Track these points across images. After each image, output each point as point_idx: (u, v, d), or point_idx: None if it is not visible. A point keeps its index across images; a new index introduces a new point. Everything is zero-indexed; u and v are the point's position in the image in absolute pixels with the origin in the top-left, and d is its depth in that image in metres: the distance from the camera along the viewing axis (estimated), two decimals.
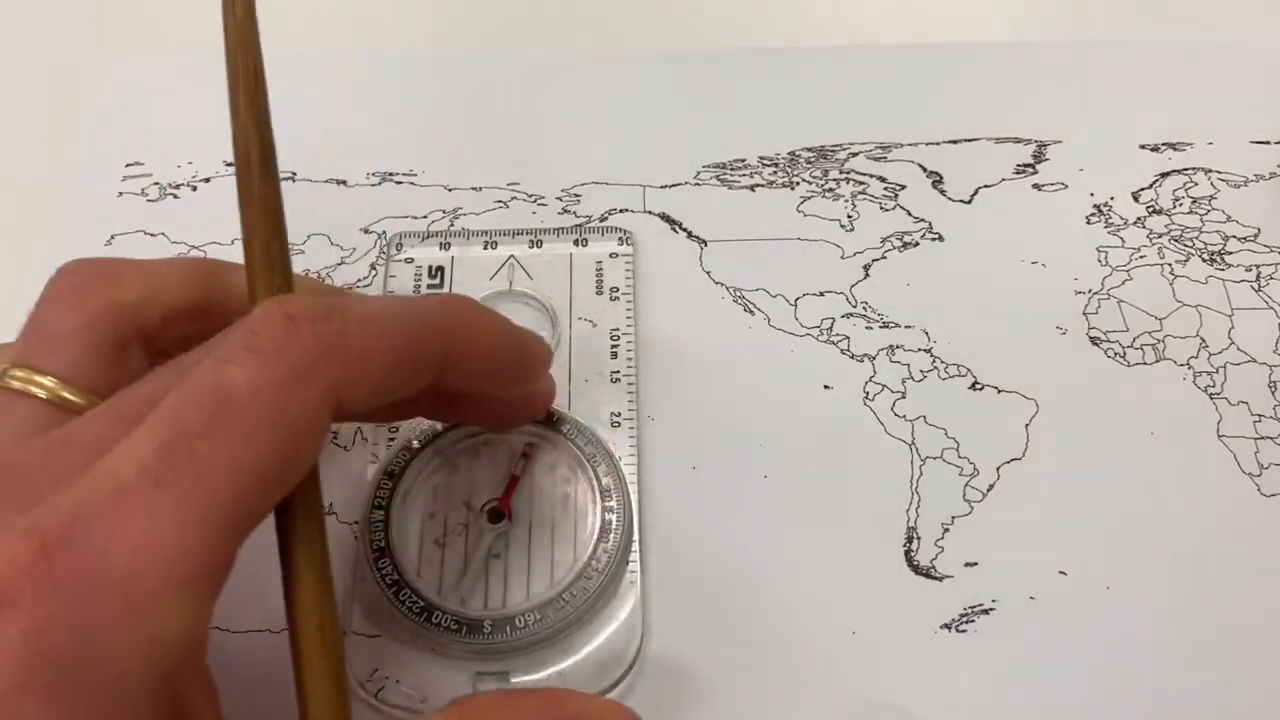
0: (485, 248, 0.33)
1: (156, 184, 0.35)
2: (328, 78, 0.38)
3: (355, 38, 0.39)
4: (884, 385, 0.31)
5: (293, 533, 0.19)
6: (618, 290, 0.32)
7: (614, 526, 0.27)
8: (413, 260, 0.32)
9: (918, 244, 0.33)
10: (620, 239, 0.33)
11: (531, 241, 0.33)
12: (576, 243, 0.33)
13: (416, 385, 0.21)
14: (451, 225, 0.34)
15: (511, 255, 0.32)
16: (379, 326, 0.20)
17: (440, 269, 0.32)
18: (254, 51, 0.23)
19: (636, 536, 0.27)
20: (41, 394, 0.21)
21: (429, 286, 0.32)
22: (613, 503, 0.27)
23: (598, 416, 0.29)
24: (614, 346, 0.31)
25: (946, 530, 0.28)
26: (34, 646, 0.15)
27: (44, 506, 0.17)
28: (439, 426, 0.28)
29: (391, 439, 0.29)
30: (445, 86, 0.37)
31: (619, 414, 0.29)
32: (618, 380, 0.30)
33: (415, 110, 0.37)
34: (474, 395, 0.25)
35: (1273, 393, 0.31)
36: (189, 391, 0.18)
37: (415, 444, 0.28)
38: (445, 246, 0.33)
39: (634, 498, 0.28)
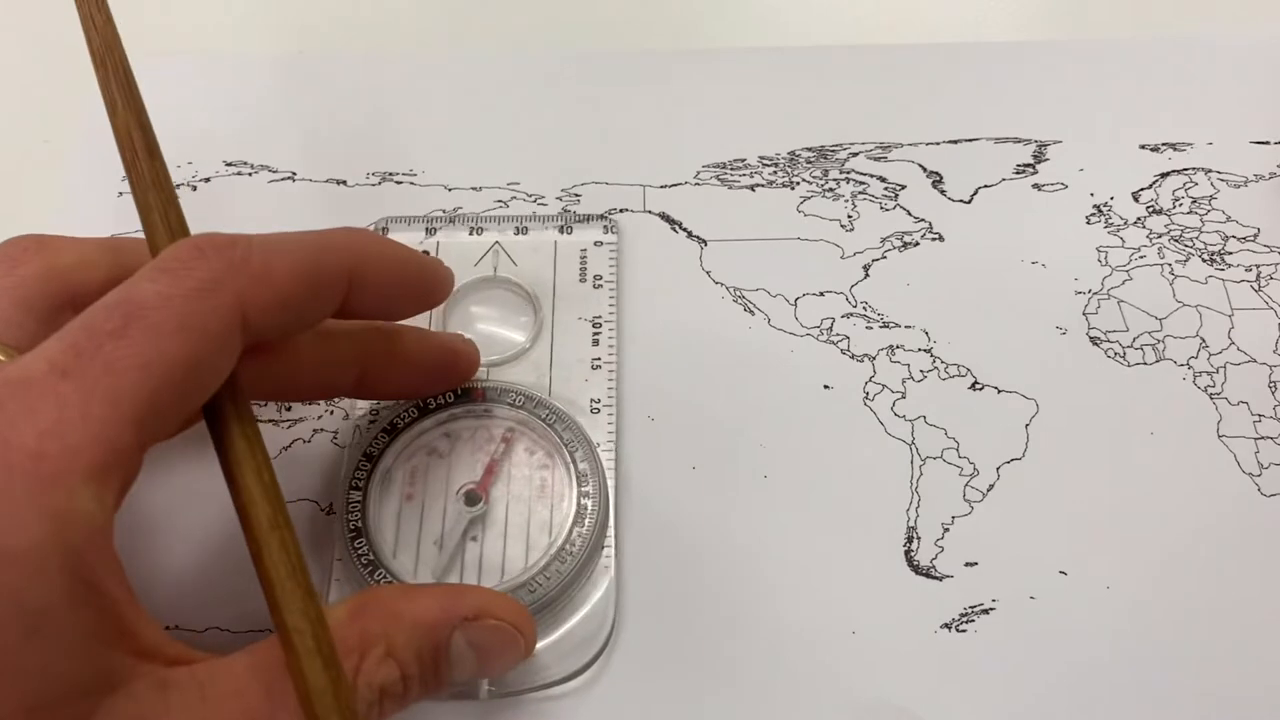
0: (471, 233, 0.33)
1: None
2: (328, 78, 0.38)
3: (355, 38, 0.39)
4: (884, 385, 0.31)
5: (227, 435, 0.21)
6: (601, 278, 0.32)
7: (589, 511, 0.27)
8: None
9: (918, 244, 0.33)
10: (605, 227, 0.33)
11: (517, 228, 0.33)
12: (561, 230, 0.33)
13: (324, 303, 0.22)
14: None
15: (497, 241, 0.33)
16: (280, 248, 0.21)
17: (425, 253, 0.32)
18: (119, 51, 0.25)
19: (612, 521, 0.28)
20: None
21: None
22: (589, 487, 0.27)
23: (577, 403, 0.29)
24: (595, 334, 0.31)
25: (946, 530, 0.28)
26: None
27: None
28: (415, 410, 0.28)
29: (373, 422, 0.29)
30: (445, 86, 0.37)
31: (599, 400, 0.30)
32: (598, 367, 0.30)
33: (415, 110, 0.37)
34: (396, 346, 0.26)
35: (1273, 393, 0.31)
36: (99, 303, 0.19)
37: (395, 426, 0.28)
38: (431, 232, 0.33)
39: (611, 483, 0.28)
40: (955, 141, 0.36)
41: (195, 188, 0.35)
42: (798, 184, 0.35)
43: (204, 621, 0.27)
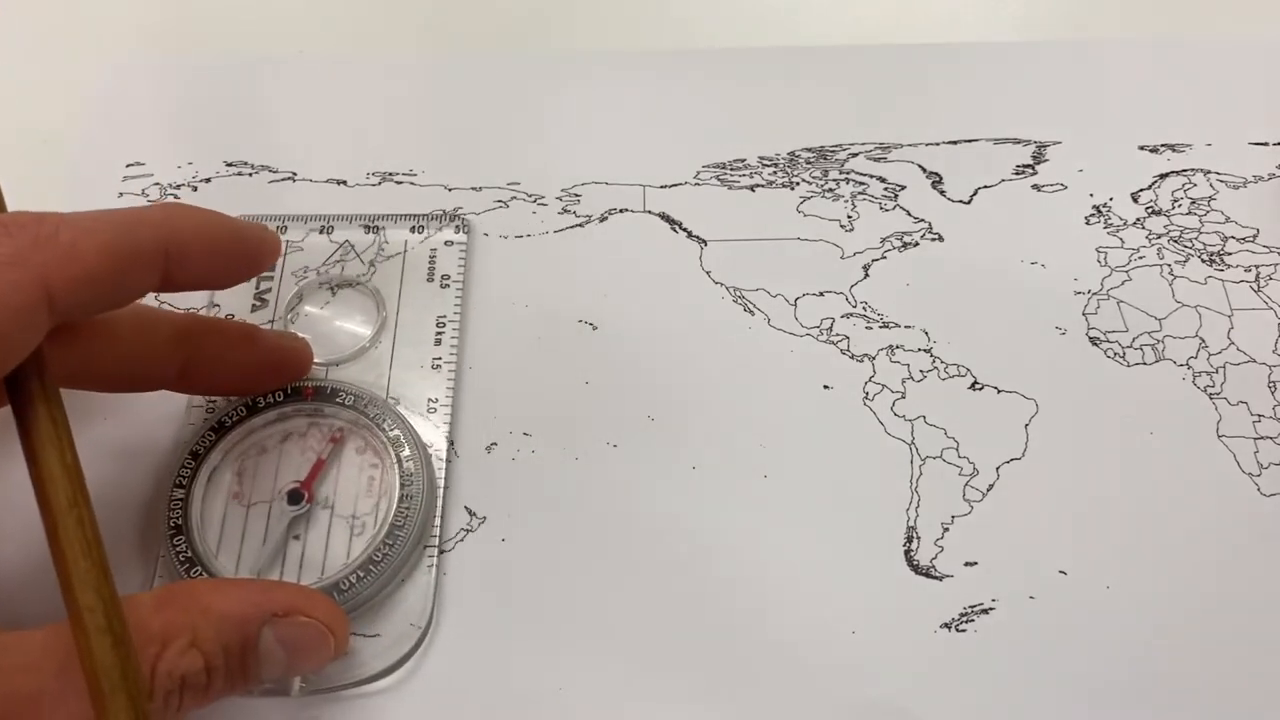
0: (321, 232, 0.33)
1: (157, 184, 0.35)
2: (328, 78, 0.38)
3: (355, 38, 0.39)
4: (884, 385, 0.31)
5: (29, 413, 0.21)
6: (449, 278, 0.32)
7: (412, 510, 0.27)
8: None
9: (918, 244, 0.33)
10: (457, 227, 0.33)
11: (368, 228, 0.33)
12: (413, 230, 0.33)
13: (138, 279, 0.22)
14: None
15: (347, 239, 0.33)
16: (89, 225, 0.21)
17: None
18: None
19: (438, 520, 0.28)
20: None
21: None
22: (413, 487, 0.27)
23: (415, 403, 0.30)
24: (439, 333, 0.31)
25: (946, 530, 0.28)
26: None
27: None
28: (244, 409, 0.28)
29: (205, 420, 0.29)
30: (445, 86, 0.37)
31: (435, 400, 0.30)
32: (439, 367, 0.30)
33: (415, 110, 0.37)
34: (221, 340, 0.26)
35: (1272, 393, 0.31)
36: None
37: (224, 424, 0.28)
38: (282, 230, 0.33)
39: (441, 482, 0.28)
40: (955, 142, 0.36)
41: (195, 188, 0.35)
42: (798, 184, 0.35)
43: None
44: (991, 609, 0.27)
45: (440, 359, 0.30)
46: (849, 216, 0.34)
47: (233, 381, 0.28)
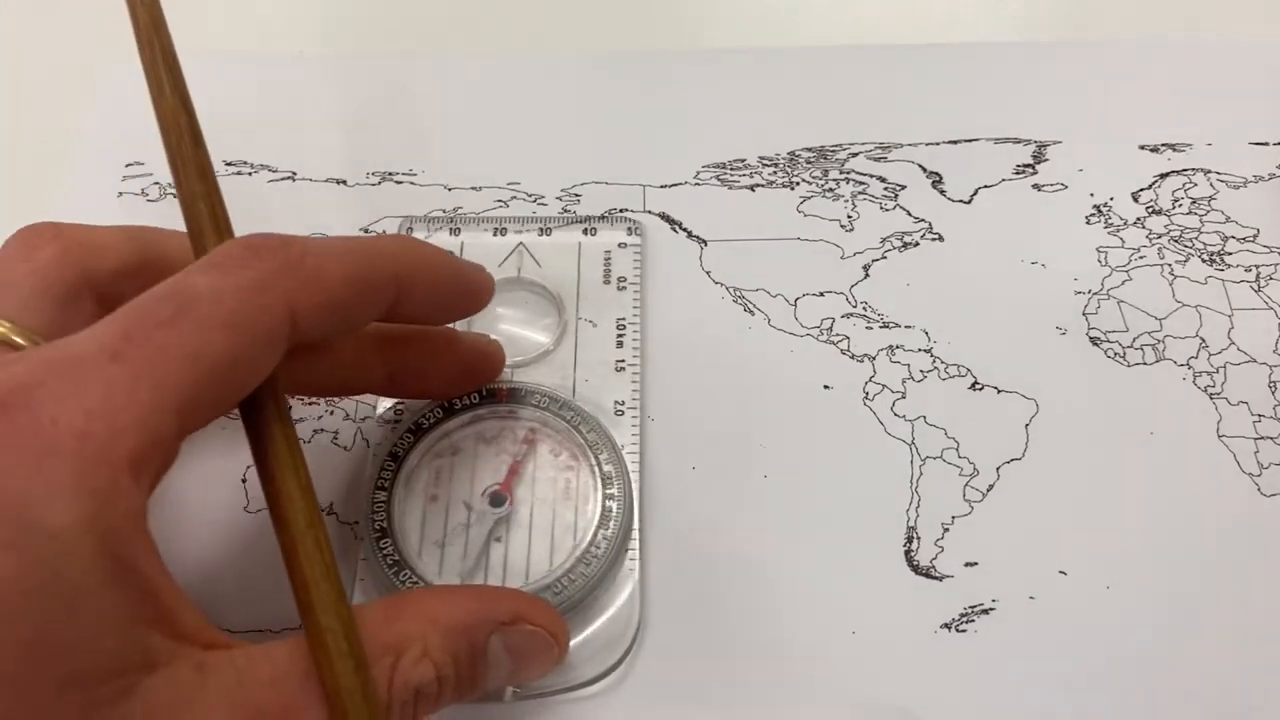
0: (495, 234, 0.33)
1: (156, 184, 0.35)
2: (328, 77, 0.38)
3: (355, 38, 0.39)
4: (884, 385, 0.31)
5: (266, 434, 0.21)
6: (625, 280, 0.32)
7: (614, 514, 0.27)
8: None
9: (918, 244, 0.33)
10: (629, 229, 0.33)
11: (541, 229, 0.33)
12: (585, 232, 0.33)
13: (371, 308, 0.23)
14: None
15: (521, 242, 0.33)
16: (332, 253, 0.21)
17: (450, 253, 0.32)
18: (165, 34, 0.24)
19: (637, 524, 0.28)
20: None
21: None
22: (614, 490, 0.27)
23: (601, 405, 0.29)
24: (619, 336, 0.31)
25: (946, 530, 0.28)
26: None
27: (2, 371, 0.17)
28: (440, 411, 0.28)
29: (397, 422, 0.29)
30: (446, 86, 0.37)
31: (622, 403, 0.30)
32: (622, 369, 0.30)
33: (415, 110, 0.37)
34: (426, 346, 0.27)
35: (1273, 393, 0.31)
36: (152, 292, 0.19)
37: (421, 426, 0.28)
38: (455, 232, 0.33)
39: (635, 485, 0.28)
40: (955, 142, 0.36)
41: None
42: (798, 184, 0.35)
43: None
44: (991, 609, 0.27)
45: (624, 361, 0.30)
46: (849, 216, 0.34)
47: (434, 385, 0.28)
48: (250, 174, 0.35)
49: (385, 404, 0.30)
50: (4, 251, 0.24)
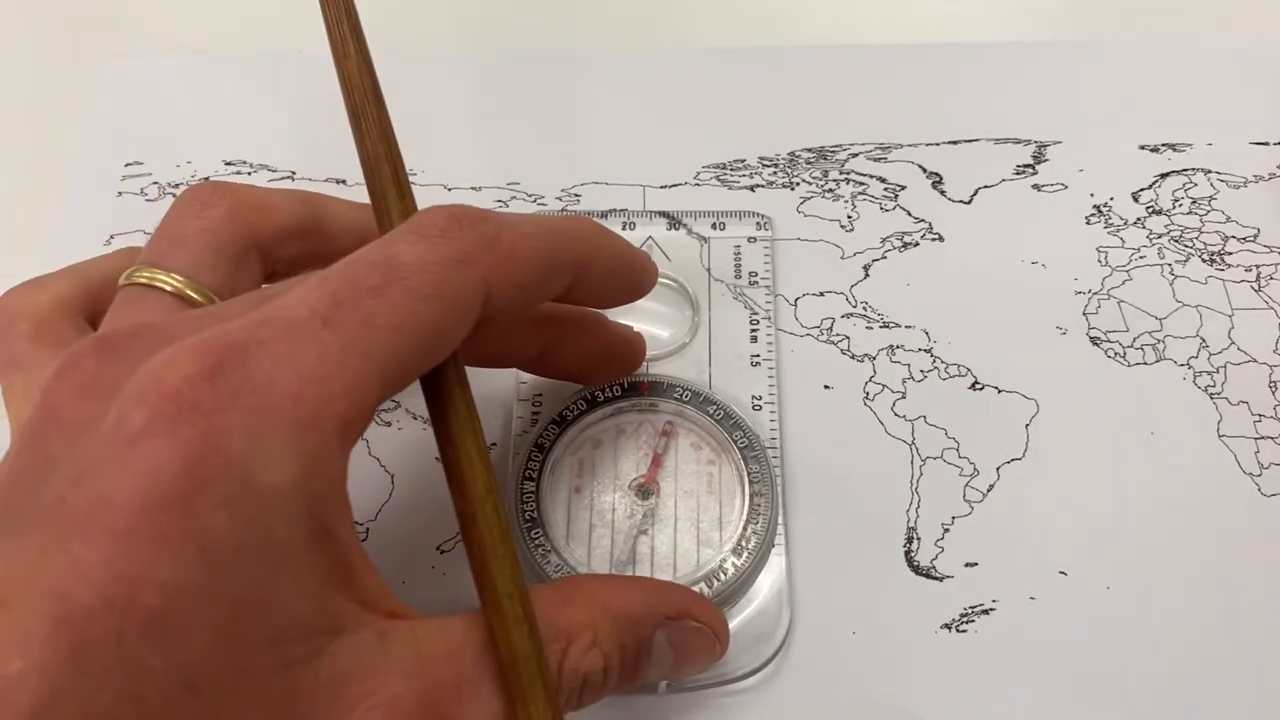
0: (624, 228, 0.33)
1: (156, 184, 0.35)
2: (328, 78, 0.37)
3: None
4: (884, 385, 0.31)
5: (449, 400, 0.21)
6: (756, 274, 0.32)
7: (762, 508, 0.27)
8: None
9: (918, 244, 0.33)
10: (759, 223, 0.33)
11: (670, 223, 0.33)
12: (714, 226, 0.33)
13: (554, 287, 0.23)
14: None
15: (650, 236, 0.33)
16: (526, 231, 0.21)
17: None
18: None
19: (782, 518, 0.28)
20: (168, 288, 0.22)
21: None
22: (761, 485, 0.27)
23: (739, 400, 0.29)
24: (753, 330, 0.31)
25: (946, 530, 0.28)
26: (211, 450, 0.16)
27: (216, 329, 0.17)
28: (584, 403, 0.28)
29: (536, 414, 0.29)
30: (445, 86, 0.37)
31: (759, 397, 0.30)
32: (758, 364, 0.30)
33: (415, 110, 0.37)
34: (578, 327, 0.27)
35: (1273, 393, 0.31)
36: (359, 257, 0.19)
37: (565, 418, 0.28)
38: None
39: (779, 480, 0.28)
40: (955, 142, 0.36)
41: None
42: (798, 184, 0.35)
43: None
44: (991, 609, 0.27)
45: (759, 356, 0.30)
46: (849, 216, 0.34)
47: (579, 367, 0.28)
48: (250, 173, 0.35)
49: (525, 388, 0.30)
50: (176, 209, 0.24)
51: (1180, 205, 0.34)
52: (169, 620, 0.15)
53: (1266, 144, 0.36)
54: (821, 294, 0.32)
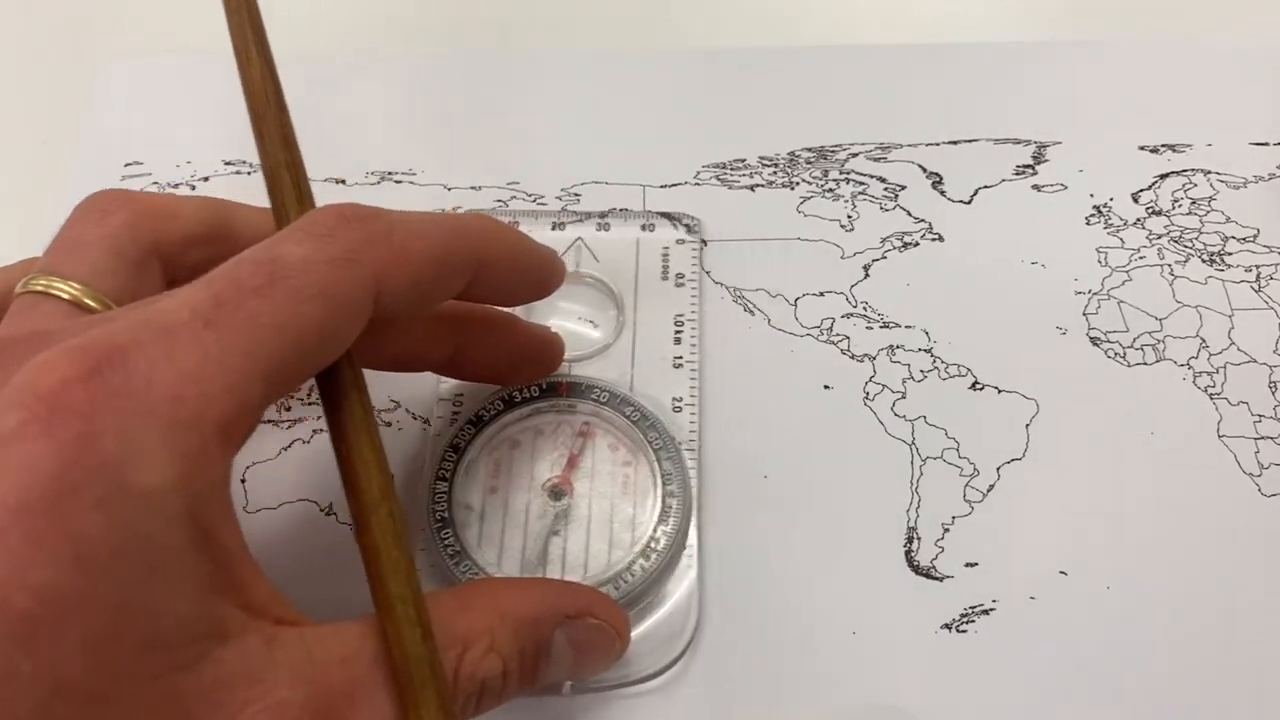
0: (553, 228, 0.33)
1: (156, 183, 0.35)
2: (327, 78, 0.38)
3: (354, 37, 0.39)
4: (884, 385, 0.31)
5: (343, 402, 0.21)
6: (683, 276, 0.32)
7: (674, 510, 0.27)
8: None
9: (918, 244, 0.33)
10: (688, 225, 0.33)
11: (599, 224, 0.33)
12: (644, 227, 0.33)
13: (451, 284, 0.23)
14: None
15: (579, 237, 0.33)
16: (418, 228, 0.21)
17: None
18: (253, 2, 0.25)
19: (694, 520, 0.28)
20: (64, 295, 0.22)
21: None
22: (673, 486, 0.27)
23: (659, 401, 0.29)
24: (677, 332, 0.31)
25: (946, 530, 0.28)
26: (86, 452, 0.16)
27: (96, 330, 0.17)
28: (500, 403, 0.28)
29: (456, 413, 0.29)
30: (445, 86, 0.37)
31: (680, 399, 0.30)
32: (680, 366, 0.30)
33: (415, 110, 0.37)
34: (489, 328, 0.27)
35: (1273, 393, 0.31)
36: (244, 258, 0.19)
37: (481, 418, 0.28)
38: (514, 224, 0.33)
39: (693, 481, 0.28)
40: (955, 142, 0.36)
41: (194, 187, 0.35)
42: (798, 184, 0.35)
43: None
44: (991, 609, 0.27)
45: (681, 357, 0.30)
46: (849, 216, 0.34)
47: (494, 369, 0.28)
48: (250, 174, 0.35)
49: (445, 396, 0.29)
50: (76, 216, 0.24)
51: (1180, 206, 0.34)
52: (40, 623, 0.15)
53: (1266, 144, 0.36)
54: (821, 294, 0.32)
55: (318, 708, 0.18)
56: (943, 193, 0.35)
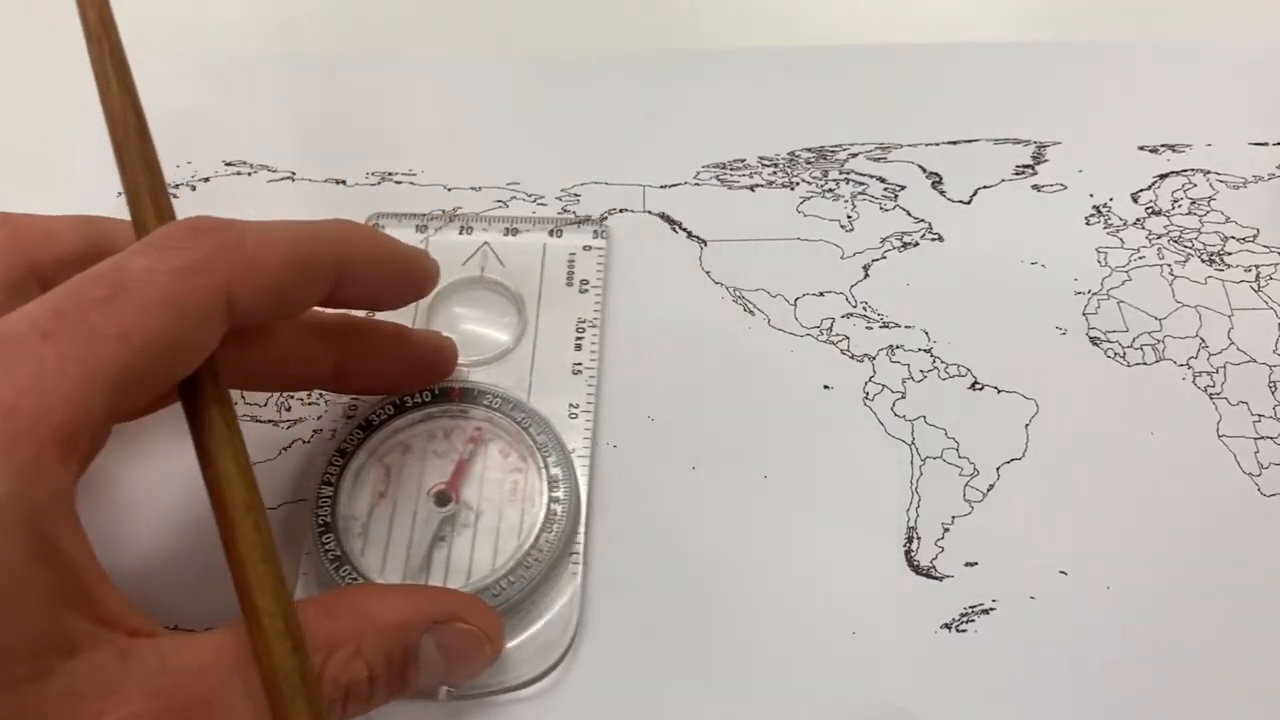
0: (461, 232, 0.33)
1: None
2: (327, 78, 0.38)
3: (355, 38, 0.39)
4: (884, 385, 0.31)
5: (205, 417, 0.21)
6: (588, 283, 0.32)
7: (559, 516, 0.27)
8: None
9: (918, 244, 0.33)
10: (595, 232, 0.33)
11: (507, 229, 0.33)
12: (551, 233, 0.33)
13: (312, 290, 0.23)
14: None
15: (486, 242, 0.33)
16: (272, 235, 0.22)
17: (413, 246, 0.32)
18: (114, 33, 0.25)
19: (583, 528, 0.28)
20: None
21: None
22: (559, 493, 0.27)
23: (555, 407, 0.29)
24: (579, 339, 0.31)
25: (946, 530, 0.28)
26: None
27: None
28: (391, 408, 0.28)
29: (349, 417, 0.29)
30: (445, 86, 0.37)
31: (577, 405, 0.29)
32: (579, 372, 0.30)
33: (415, 110, 0.37)
34: (374, 339, 0.27)
35: (1273, 393, 0.31)
36: (90, 272, 0.19)
37: (371, 423, 0.28)
38: (422, 229, 0.33)
39: (583, 490, 0.28)
40: (955, 142, 0.36)
41: (194, 187, 0.35)
42: (797, 184, 0.35)
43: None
44: (991, 609, 0.27)
45: (581, 364, 0.30)
46: (849, 216, 0.34)
47: (383, 381, 0.28)
48: (250, 174, 0.35)
49: (341, 399, 0.29)
50: None
51: (1179, 206, 0.34)
52: None
53: (1265, 144, 0.36)
54: (821, 294, 0.32)
55: (173, 718, 0.18)
56: (942, 193, 0.35)
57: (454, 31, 0.40)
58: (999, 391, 0.31)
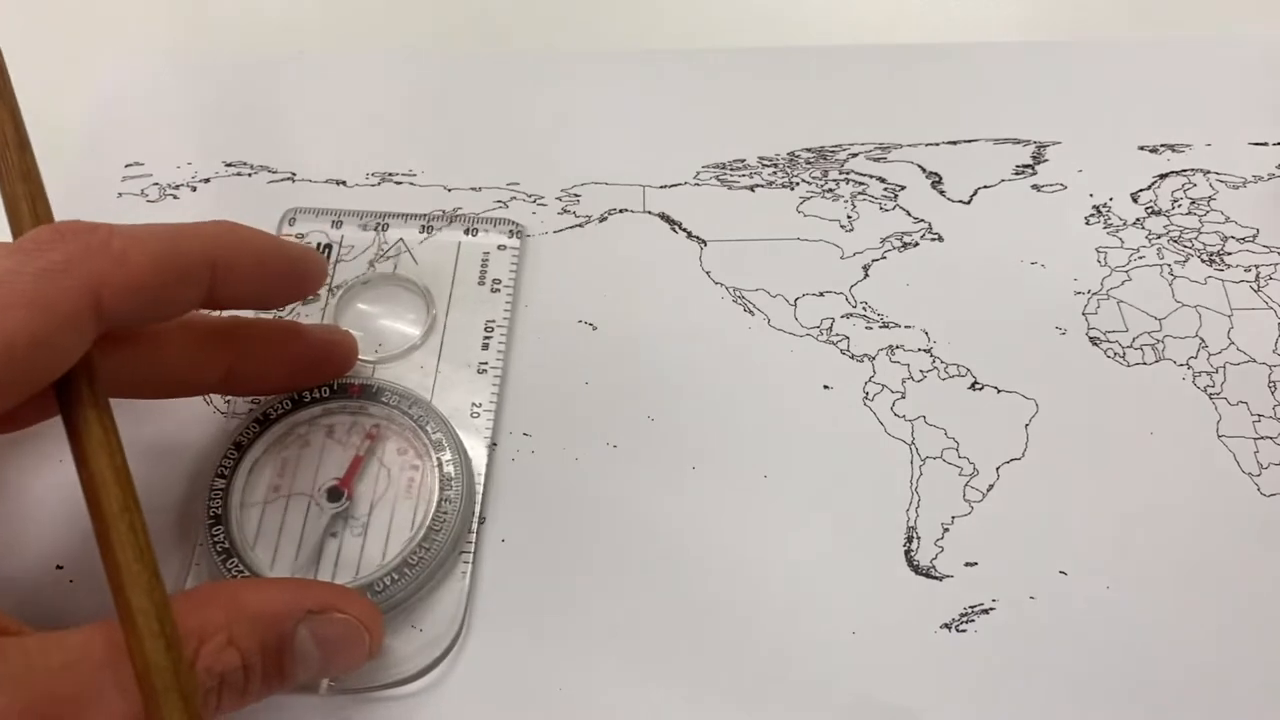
0: (376, 229, 0.33)
1: (156, 184, 0.35)
2: (328, 78, 0.38)
3: (355, 38, 0.39)
4: (884, 385, 0.31)
5: (80, 420, 0.21)
6: (500, 282, 0.32)
7: (450, 515, 0.27)
8: (303, 236, 0.33)
9: (918, 244, 0.33)
10: (511, 232, 0.33)
11: (423, 227, 0.33)
12: (467, 232, 0.33)
13: (185, 290, 0.23)
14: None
15: (401, 239, 0.33)
16: (139, 235, 0.22)
17: (328, 246, 0.32)
18: None
19: (475, 526, 0.28)
20: None
21: None
22: (452, 492, 0.27)
23: (458, 405, 0.29)
24: (486, 338, 0.31)
25: (946, 530, 0.28)
26: None
27: None
28: (289, 403, 0.28)
29: (249, 411, 0.29)
30: (445, 86, 0.37)
31: (479, 404, 0.30)
32: (484, 371, 0.30)
33: (415, 110, 0.37)
34: (265, 339, 0.27)
35: (1272, 393, 0.31)
36: None
37: (268, 417, 0.28)
38: (337, 225, 0.33)
39: (479, 488, 0.28)
40: (955, 142, 0.36)
41: (195, 188, 0.35)
42: (797, 184, 0.35)
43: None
44: (991, 609, 0.27)
45: (486, 364, 0.30)
46: (849, 216, 0.34)
47: (278, 380, 0.28)
48: (250, 174, 0.35)
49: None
50: None
51: (1179, 206, 0.34)
52: None
53: (1265, 144, 0.36)
54: (821, 294, 0.32)
55: (40, 714, 0.18)
56: (942, 193, 0.35)
57: (454, 31, 0.40)
58: (999, 391, 0.31)
